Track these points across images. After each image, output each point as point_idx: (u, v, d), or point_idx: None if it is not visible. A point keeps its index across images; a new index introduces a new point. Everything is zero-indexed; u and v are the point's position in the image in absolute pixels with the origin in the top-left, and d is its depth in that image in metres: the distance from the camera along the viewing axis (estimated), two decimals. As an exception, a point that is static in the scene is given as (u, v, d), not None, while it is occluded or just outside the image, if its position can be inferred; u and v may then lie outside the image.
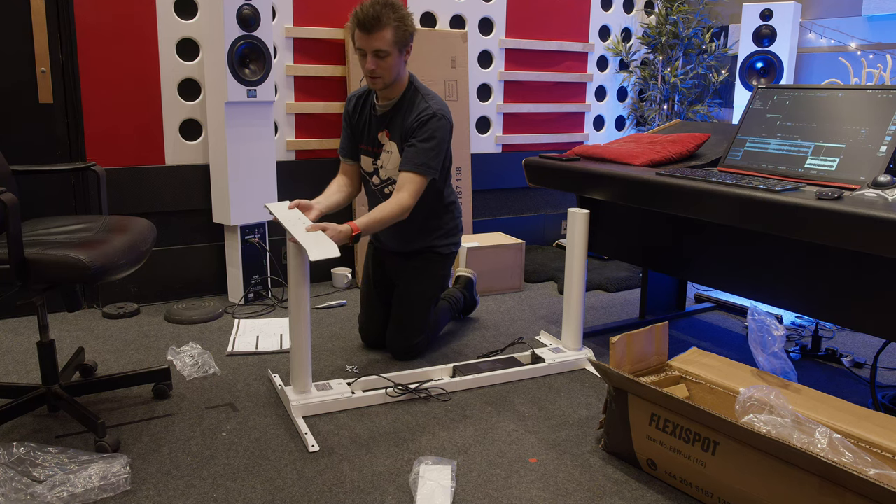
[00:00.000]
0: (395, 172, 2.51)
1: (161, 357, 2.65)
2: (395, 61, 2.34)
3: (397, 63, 2.35)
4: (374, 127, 2.53)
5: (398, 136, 2.47)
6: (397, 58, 2.34)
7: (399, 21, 2.29)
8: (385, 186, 2.58)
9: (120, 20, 3.04)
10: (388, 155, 2.51)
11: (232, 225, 3.20)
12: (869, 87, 2.13)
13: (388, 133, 2.49)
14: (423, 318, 2.65)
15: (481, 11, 3.92)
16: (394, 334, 2.64)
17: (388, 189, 2.57)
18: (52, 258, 1.76)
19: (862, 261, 1.98)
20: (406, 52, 2.38)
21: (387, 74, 2.36)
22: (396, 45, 2.31)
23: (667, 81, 4.25)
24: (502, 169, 4.16)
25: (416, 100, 2.44)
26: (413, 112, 2.43)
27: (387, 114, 2.49)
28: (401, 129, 2.46)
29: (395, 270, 2.73)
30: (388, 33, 2.28)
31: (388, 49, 2.30)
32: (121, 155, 3.14)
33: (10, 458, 1.80)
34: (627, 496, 1.80)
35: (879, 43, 3.61)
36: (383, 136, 2.51)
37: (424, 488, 1.77)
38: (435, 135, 2.39)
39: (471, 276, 3.17)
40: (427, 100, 2.44)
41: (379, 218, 2.32)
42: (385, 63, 2.32)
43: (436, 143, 2.40)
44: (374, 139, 2.53)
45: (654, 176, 2.27)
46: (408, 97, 2.45)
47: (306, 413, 2.19)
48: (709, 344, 2.91)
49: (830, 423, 1.70)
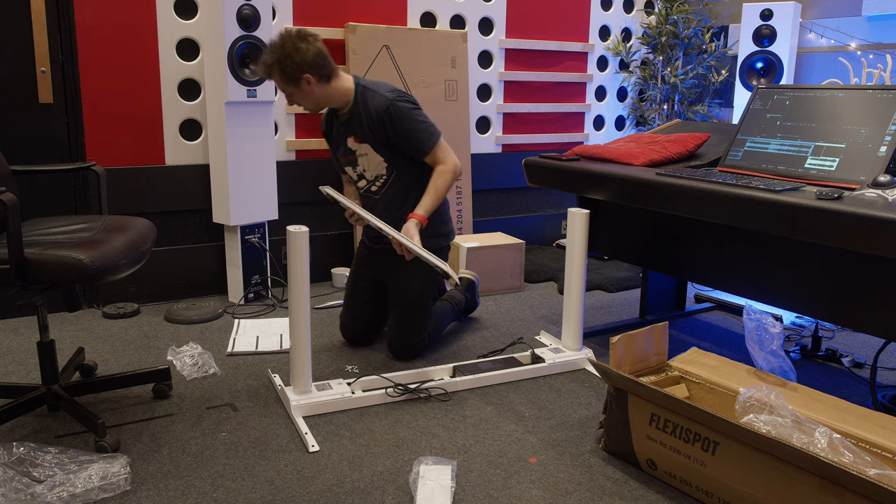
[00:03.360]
0: (378, 169, 2.56)
1: (161, 357, 2.65)
2: (303, 93, 2.40)
3: (307, 92, 2.40)
4: (342, 136, 2.60)
5: (365, 136, 2.52)
6: (302, 90, 2.40)
7: (278, 63, 2.34)
8: (372, 185, 2.61)
9: (120, 20, 3.04)
10: (364, 157, 2.57)
11: (232, 225, 3.20)
12: (869, 87, 2.13)
13: (356, 138, 2.55)
14: (422, 317, 2.65)
15: (481, 11, 3.92)
16: (394, 335, 2.64)
17: (376, 187, 2.60)
18: (52, 258, 1.77)
19: (862, 261, 1.98)
20: (308, 82, 2.38)
21: (305, 104, 2.45)
22: (290, 82, 2.37)
23: (667, 81, 4.25)
24: (502, 169, 4.16)
25: (366, 97, 2.48)
26: (370, 110, 2.47)
27: (348, 121, 2.55)
28: (365, 129, 2.51)
29: (386, 269, 2.70)
30: (276, 77, 2.38)
31: (285, 88, 2.40)
32: (121, 155, 3.14)
33: (10, 458, 1.80)
34: (627, 496, 1.80)
35: (879, 43, 3.61)
36: (352, 142, 2.57)
37: (424, 488, 1.77)
38: (409, 115, 2.45)
39: (473, 278, 3.16)
40: (376, 93, 2.47)
41: (432, 197, 2.47)
42: (294, 99, 2.43)
43: (415, 118, 2.46)
44: (346, 147, 2.60)
45: (654, 176, 2.27)
46: (358, 99, 2.49)
47: (306, 413, 2.19)
48: (709, 344, 2.91)
49: (830, 423, 1.70)
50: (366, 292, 2.76)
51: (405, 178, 2.58)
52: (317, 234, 3.63)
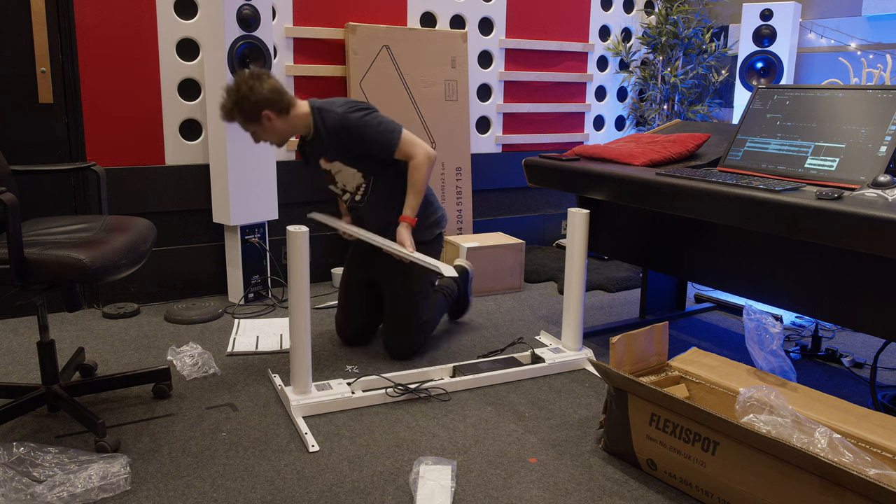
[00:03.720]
0: (356, 180, 2.60)
1: (161, 357, 2.65)
2: (266, 129, 2.44)
3: (269, 127, 2.43)
4: (314, 159, 2.64)
5: (332, 154, 2.56)
6: (265, 126, 2.43)
7: (237, 105, 2.37)
8: (355, 196, 2.65)
9: (120, 20, 3.04)
10: (339, 174, 2.62)
11: (232, 225, 3.20)
12: (869, 87, 2.13)
13: (326, 158, 2.59)
14: (419, 316, 2.65)
15: (481, 11, 3.92)
16: (391, 334, 2.64)
17: (359, 196, 2.64)
18: (52, 258, 1.77)
19: (862, 261, 1.98)
20: (268, 118, 2.41)
21: (271, 139, 2.49)
22: (251, 121, 2.41)
23: (667, 81, 4.25)
24: (502, 169, 4.16)
25: (324, 118, 2.50)
26: (328, 129, 2.50)
27: (314, 144, 2.58)
28: (330, 149, 2.55)
29: (380, 269, 2.72)
30: (238, 119, 2.41)
31: (247, 127, 2.44)
32: (121, 155, 3.14)
33: (10, 458, 1.80)
34: (627, 496, 1.80)
35: (879, 43, 3.61)
36: (324, 162, 2.61)
37: (424, 488, 1.77)
38: (363, 123, 2.47)
39: (468, 267, 3.15)
40: (329, 111, 2.49)
41: (413, 193, 2.52)
42: (259, 135, 2.46)
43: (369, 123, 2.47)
44: (321, 170, 2.65)
45: (654, 176, 2.27)
46: (318, 122, 2.51)
47: (306, 413, 2.19)
48: (709, 344, 2.91)
49: (830, 422, 1.70)
50: (360, 292, 2.77)
51: (384, 181, 2.59)
52: (317, 234, 3.63)
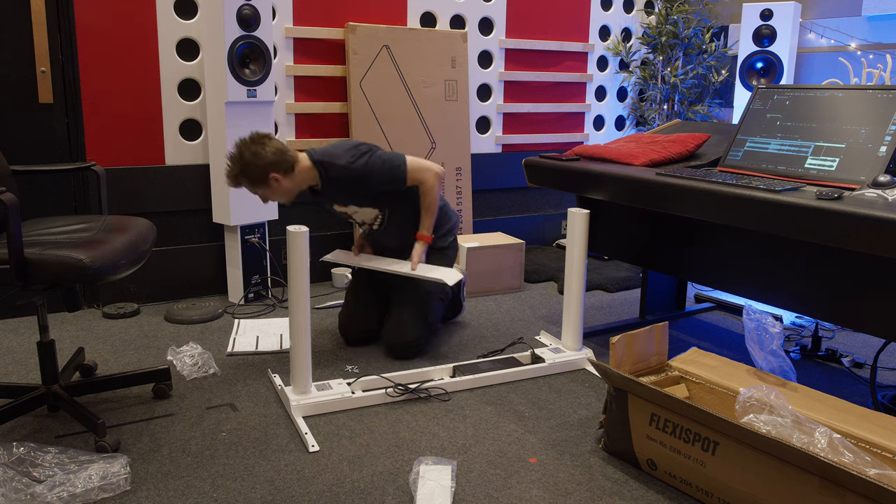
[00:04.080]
0: (374, 214, 2.69)
1: (161, 357, 2.65)
2: (274, 190, 2.47)
3: (276, 189, 2.47)
4: (327, 204, 2.71)
5: (345, 200, 2.64)
6: (272, 187, 2.46)
7: (243, 171, 2.40)
8: (373, 226, 2.75)
9: (120, 20, 3.04)
10: (355, 213, 2.71)
11: (232, 225, 3.20)
12: (869, 87, 2.13)
13: (338, 204, 2.68)
14: (425, 314, 2.67)
15: (481, 11, 3.92)
16: (398, 331, 2.64)
17: (377, 226, 2.73)
18: (52, 258, 1.77)
19: (862, 261, 1.98)
20: (276, 179, 2.44)
21: (279, 199, 2.52)
22: (259, 185, 2.44)
23: (667, 81, 4.25)
24: (502, 169, 4.16)
25: (329, 171, 2.52)
26: (337, 182, 2.54)
27: (324, 192, 2.61)
28: (341, 197, 2.62)
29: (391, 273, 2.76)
30: (243, 182, 2.44)
31: (255, 190, 2.47)
32: (121, 155, 3.14)
33: (10, 458, 1.80)
34: (627, 496, 1.80)
35: (879, 43, 3.61)
36: (338, 207, 2.70)
37: (424, 488, 1.77)
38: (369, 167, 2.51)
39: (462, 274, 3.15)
40: (334, 165, 2.51)
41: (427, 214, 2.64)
42: (267, 196, 2.49)
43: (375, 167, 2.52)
44: (334, 211, 2.74)
45: (654, 176, 2.27)
46: (323, 175, 2.54)
47: (306, 413, 2.19)
48: (709, 344, 2.91)
49: (830, 423, 1.70)
50: (368, 292, 2.80)
51: (399, 209, 2.68)
52: (317, 234, 3.63)
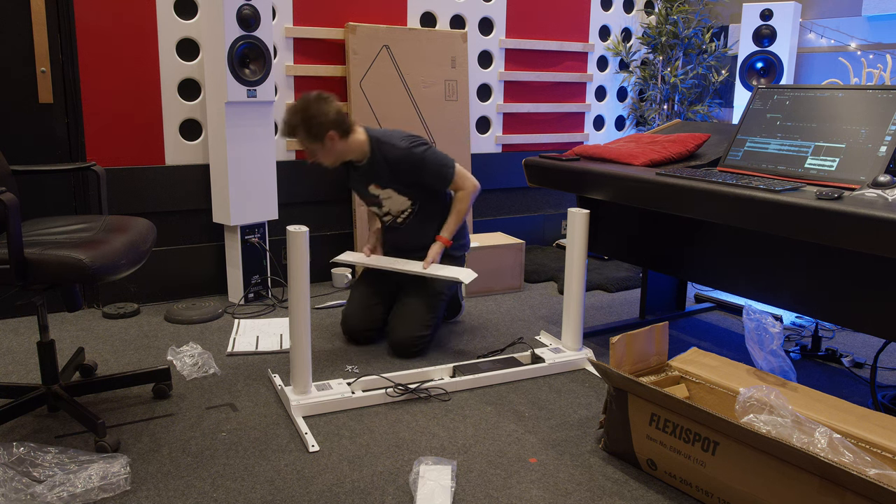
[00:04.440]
0: (403, 206, 2.75)
1: (161, 357, 2.65)
2: (325, 150, 2.56)
3: (329, 149, 2.56)
4: (362, 184, 2.77)
5: (386, 182, 2.70)
6: (325, 147, 2.55)
7: (304, 123, 2.50)
8: (397, 219, 2.80)
9: (120, 20, 3.04)
10: (388, 199, 2.76)
11: (232, 225, 3.20)
12: (869, 87, 2.13)
13: (378, 185, 2.73)
14: (431, 313, 2.69)
15: (481, 11, 3.92)
16: (403, 329, 2.65)
17: (401, 220, 2.79)
18: (52, 258, 1.77)
19: (862, 261, 1.98)
20: (332, 138, 2.54)
21: (325, 160, 2.61)
22: (312, 140, 2.53)
23: (667, 81, 4.25)
24: (502, 169, 4.16)
25: (381, 147, 2.65)
26: (388, 160, 2.65)
27: (367, 171, 2.71)
28: (386, 177, 2.69)
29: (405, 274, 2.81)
30: (300, 136, 2.53)
31: (308, 146, 2.56)
32: (121, 155, 3.14)
33: (10, 458, 1.80)
34: (627, 496, 1.80)
35: (879, 43, 3.61)
36: (374, 188, 2.75)
37: (424, 488, 1.77)
38: (425, 159, 2.64)
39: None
40: (391, 144, 2.64)
41: (455, 218, 2.74)
42: (317, 156, 2.59)
43: (431, 160, 2.65)
44: (369, 194, 2.79)
45: (654, 176, 2.27)
46: (375, 150, 2.65)
47: (306, 413, 2.19)
48: (709, 344, 2.91)
49: (830, 423, 1.70)
50: (375, 288, 2.85)
51: (429, 207, 2.77)
52: (317, 234, 3.63)
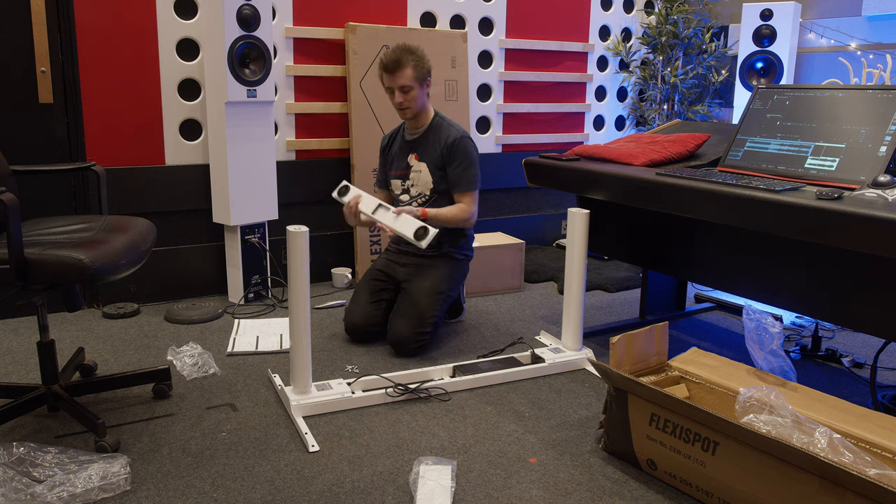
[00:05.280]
0: (425, 188, 2.84)
1: (161, 357, 2.65)
2: (418, 94, 2.74)
3: (420, 95, 2.75)
4: (403, 152, 2.89)
5: (428, 157, 2.82)
6: (419, 91, 2.74)
7: (416, 61, 2.70)
8: (412, 202, 2.87)
9: (120, 20, 3.04)
10: (417, 174, 2.85)
11: (232, 225, 3.20)
12: (869, 87, 2.13)
13: (417, 156, 2.85)
14: (433, 312, 2.70)
15: (481, 11, 3.92)
16: (400, 325, 2.65)
17: (415, 205, 2.84)
18: (52, 258, 1.77)
19: (862, 261, 1.98)
20: (426, 86, 2.78)
21: (413, 105, 2.75)
22: (417, 80, 2.71)
23: (667, 81, 4.25)
24: (502, 169, 4.16)
25: (442, 127, 2.82)
26: (441, 137, 2.79)
27: (416, 140, 2.85)
28: (431, 152, 2.81)
29: (406, 270, 2.85)
30: (408, 71, 2.69)
31: (411, 84, 2.70)
32: (121, 155, 3.14)
33: (10, 458, 1.80)
34: (627, 496, 1.80)
35: (879, 43, 3.61)
36: (412, 159, 2.86)
37: (424, 488, 1.77)
38: (468, 157, 2.78)
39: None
40: (451, 128, 2.81)
41: (445, 214, 2.73)
42: (409, 96, 2.72)
43: (471, 162, 2.79)
44: (404, 162, 2.88)
45: (654, 176, 2.27)
46: (434, 126, 2.83)
47: (306, 413, 2.19)
48: (709, 344, 2.91)
49: (830, 422, 1.70)
50: (378, 286, 2.86)
51: (443, 202, 2.82)
52: (317, 234, 3.63)
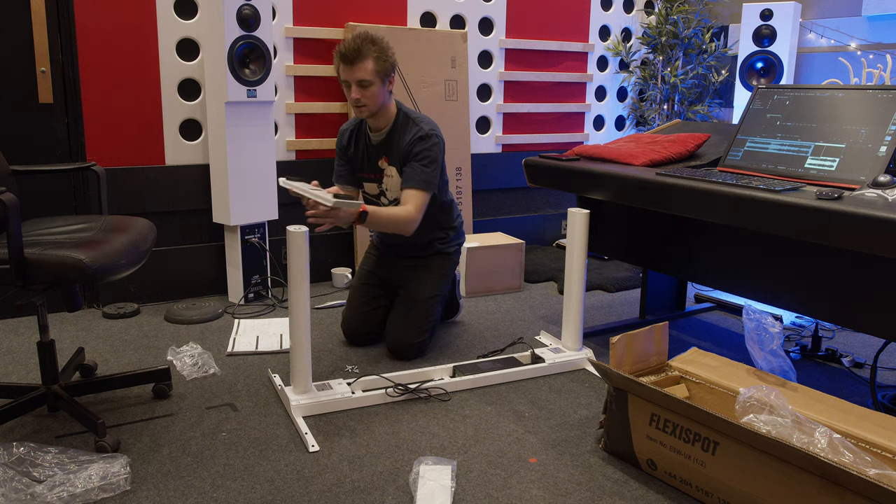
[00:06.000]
0: (399, 193, 2.61)
1: (161, 357, 2.65)
2: (379, 90, 2.46)
3: (381, 92, 2.47)
4: (372, 156, 2.66)
5: (396, 160, 2.60)
6: (380, 87, 2.46)
7: (379, 52, 2.42)
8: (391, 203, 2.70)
9: (120, 20, 3.04)
10: (389, 179, 2.65)
11: (232, 225, 3.20)
12: (869, 87, 2.13)
13: (387, 159, 2.63)
14: (429, 317, 2.68)
15: (481, 11, 3.92)
16: (403, 335, 2.64)
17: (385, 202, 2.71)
18: (52, 258, 1.77)
19: (862, 261, 1.98)
20: (389, 82, 2.50)
21: (371, 103, 2.47)
22: (378, 74, 2.43)
23: (667, 81, 4.25)
24: (502, 169, 4.16)
25: (408, 125, 2.57)
26: (407, 136, 2.55)
27: (382, 142, 2.61)
28: (398, 154, 2.58)
29: (398, 274, 2.80)
30: (369, 64, 2.40)
31: (371, 79, 2.42)
32: (121, 155, 3.14)
33: (10, 458, 1.80)
34: (627, 496, 1.80)
35: (879, 43, 3.61)
36: (383, 163, 2.64)
37: (424, 488, 1.77)
38: (430, 154, 2.53)
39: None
40: (418, 122, 2.57)
41: (386, 215, 2.44)
42: (368, 92, 2.44)
43: (432, 160, 2.53)
44: (374, 166, 2.67)
45: (654, 176, 2.27)
46: (399, 124, 2.58)
47: (306, 413, 2.19)
48: (709, 344, 2.91)
49: (830, 422, 1.70)
50: (373, 290, 2.82)
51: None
52: (316, 234, 3.63)
